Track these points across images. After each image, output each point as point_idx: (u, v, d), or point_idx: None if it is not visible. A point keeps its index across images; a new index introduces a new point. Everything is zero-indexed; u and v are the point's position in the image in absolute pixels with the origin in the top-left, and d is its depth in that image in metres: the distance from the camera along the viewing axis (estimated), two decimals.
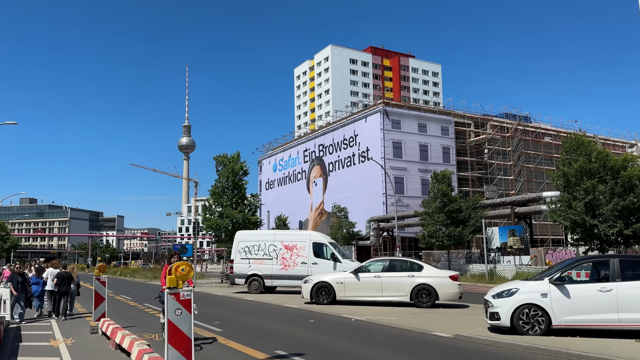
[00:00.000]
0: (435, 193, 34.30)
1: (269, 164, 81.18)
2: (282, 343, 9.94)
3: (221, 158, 32.86)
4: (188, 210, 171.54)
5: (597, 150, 25.11)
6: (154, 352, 7.45)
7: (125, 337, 8.96)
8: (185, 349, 5.90)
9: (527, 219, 38.63)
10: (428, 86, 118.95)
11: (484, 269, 31.80)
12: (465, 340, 10.00)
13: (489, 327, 10.98)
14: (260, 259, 22.98)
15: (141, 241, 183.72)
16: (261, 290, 22.62)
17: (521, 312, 10.19)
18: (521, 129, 64.20)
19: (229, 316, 14.77)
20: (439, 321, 12.57)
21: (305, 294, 17.25)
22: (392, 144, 57.66)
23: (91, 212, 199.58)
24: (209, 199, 33.29)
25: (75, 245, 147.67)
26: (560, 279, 10.24)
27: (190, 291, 6.03)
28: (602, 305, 9.87)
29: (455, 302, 16.53)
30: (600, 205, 23.97)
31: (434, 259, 40.84)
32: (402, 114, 59.49)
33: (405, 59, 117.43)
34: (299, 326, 12.52)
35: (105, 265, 12.96)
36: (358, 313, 14.30)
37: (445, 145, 60.48)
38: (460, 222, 33.61)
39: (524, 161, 63.37)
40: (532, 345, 8.89)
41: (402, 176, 57.55)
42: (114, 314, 14.42)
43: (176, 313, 5.89)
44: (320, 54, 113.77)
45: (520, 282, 11.16)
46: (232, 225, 30.87)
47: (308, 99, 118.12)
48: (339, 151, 64.35)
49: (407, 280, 16.15)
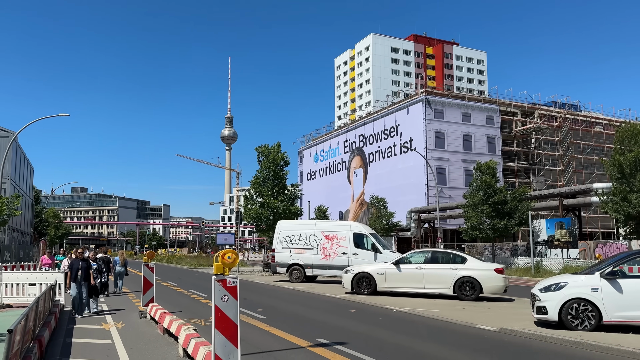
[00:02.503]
0: (479, 184, 33.51)
1: (310, 155, 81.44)
2: (324, 331, 10.02)
3: (262, 149, 33.26)
4: (230, 200, 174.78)
5: None
6: (200, 337, 7.68)
7: (172, 322, 9.24)
8: (232, 335, 6.03)
9: (576, 211, 37.27)
10: (472, 74, 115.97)
11: (529, 262, 30.94)
12: (511, 334, 9.80)
13: (535, 322, 10.71)
14: (301, 249, 23.20)
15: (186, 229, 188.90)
16: (302, 279, 22.86)
17: (570, 306, 9.88)
18: (570, 118, 61.69)
19: (271, 304, 15.01)
20: (483, 314, 12.35)
21: (346, 284, 17.30)
22: (435, 134, 56.64)
23: (138, 201, 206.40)
24: (250, 189, 33.78)
25: (123, 232, 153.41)
26: (613, 273, 9.85)
27: (236, 278, 6.15)
28: None
29: (500, 296, 16.19)
30: None
31: (477, 251, 40.02)
32: (445, 103, 58.28)
33: (449, 47, 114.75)
34: (340, 315, 12.59)
35: (153, 252, 13.38)
36: (399, 304, 14.24)
37: (490, 135, 58.90)
38: (505, 214, 32.73)
39: (573, 151, 60.96)
40: (581, 340, 8.62)
41: (444, 167, 56.53)
42: (161, 299, 14.87)
43: (223, 299, 6.02)
44: (361, 43, 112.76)
45: (569, 276, 10.81)
46: (272, 215, 31.26)
47: (348, 89, 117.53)
48: (379, 141, 63.81)
49: (450, 272, 15.93)
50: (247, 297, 16.18)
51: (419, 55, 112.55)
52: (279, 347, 8.52)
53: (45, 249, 41.07)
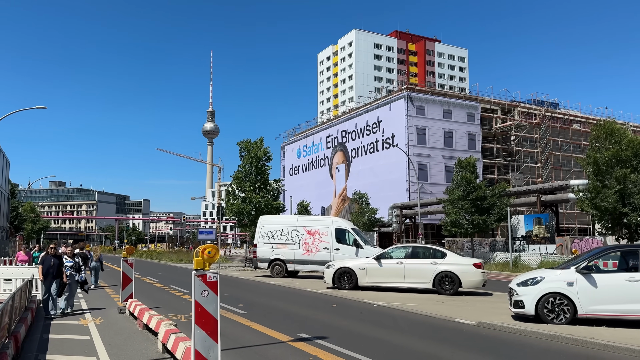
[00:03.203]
0: (459, 180, 33.90)
1: (292, 151, 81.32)
2: (305, 326, 10.06)
3: (245, 143, 33.10)
4: (212, 195, 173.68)
5: (628, 137, 24.45)
6: (180, 332, 7.65)
7: (152, 318, 9.18)
8: (212, 330, 6.02)
9: (554, 207, 37.96)
10: (454, 71, 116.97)
11: (508, 257, 31.46)
12: (488, 327, 9.97)
13: (512, 315, 10.90)
14: (283, 244, 23.21)
15: (166, 225, 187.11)
16: (284, 274, 22.88)
17: (546, 300, 10.08)
18: (549, 115, 62.74)
19: (252, 299, 15.00)
20: (462, 308, 12.53)
21: (328, 279, 17.37)
22: (416, 130, 57.06)
23: (118, 196, 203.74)
24: (232, 184, 33.62)
25: (102, 227, 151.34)
26: (587, 268, 10.08)
27: (216, 273, 6.13)
28: (630, 296, 9.70)
29: (479, 290, 16.43)
30: (631, 194, 23.40)
31: (457, 246, 40.52)
32: (427, 100, 58.72)
33: (431, 44, 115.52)
34: (322, 310, 12.64)
35: (132, 247, 13.25)
36: (380, 299, 14.35)
37: (471, 132, 59.56)
38: (484, 210, 33.21)
39: (551, 148, 62.02)
40: (556, 334, 8.81)
41: (425, 163, 57.01)
42: (141, 295, 14.76)
43: (203, 294, 6.00)
44: (344, 38, 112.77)
45: (546, 271, 11.03)
46: (255, 210, 31.18)
47: (331, 85, 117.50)
48: (362, 137, 64.02)
49: (429, 267, 16.11)
50: (228, 293, 16.14)
51: (401, 51, 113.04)
52: (259, 342, 8.53)
53: (22, 244, 40.27)
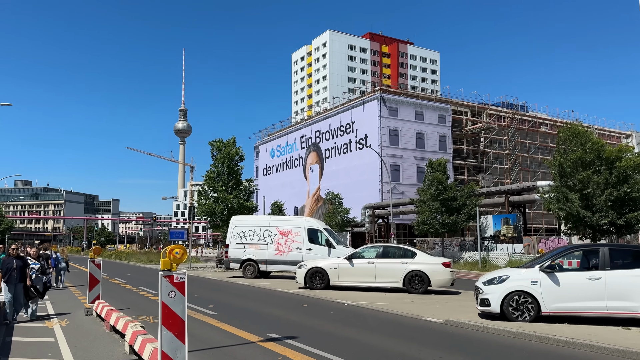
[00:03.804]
0: (430, 181, 34.40)
1: (266, 151, 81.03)
2: (276, 326, 10.07)
3: (217, 143, 32.82)
4: (184, 194, 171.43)
5: (592, 140, 25.18)
6: (147, 333, 7.55)
7: (119, 319, 9.05)
8: (179, 331, 5.99)
9: (521, 207, 38.86)
10: (426, 74, 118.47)
11: (477, 256, 32.07)
12: (455, 325, 10.17)
13: (479, 313, 11.14)
14: (256, 244, 23.12)
15: (137, 225, 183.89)
16: (256, 275, 22.80)
17: (511, 298, 10.34)
18: (518, 118, 64.19)
19: (223, 300, 14.91)
20: (431, 307, 12.74)
21: (300, 279, 17.40)
22: (389, 132, 57.61)
23: (86, 195, 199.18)
24: (204, 184, 33.31)
25: (70, 228, 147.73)
26: (551, 267, 10.38)
27: (184, 274, 6.10)
28: (590, 293, 10.03)
29: (448, 289, 16.73)
30: (594, 196, 24.13)
31: (428, 246, 41.11)
32: (400, 102, 59.34)
33: (404, 46, 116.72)
34: (293, 310, 12.67)
35: (100, 248, 13.02)
36: (351, 298, 14.46)
37: (442, 134, 60.47)
38: (454, 210, 33.77)
39: (519, 150, 63.48)
40: (520, 331, 9.05)
41: (398, 164, 57.60)
42: (109, 296, 14.52)
43: (170, 295, 5.96)
44: (318, 39, 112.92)
45: (511, 270, 11.31)
46: (227, 210, 30.96)
47: (305, 85, 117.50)
48: (335, 138, 64.26)
49: (400, 266, 16.32)
50: (198, 294, 16.00)
51: (374, 53, 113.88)
52: (228, 343, 8.50)
53: None
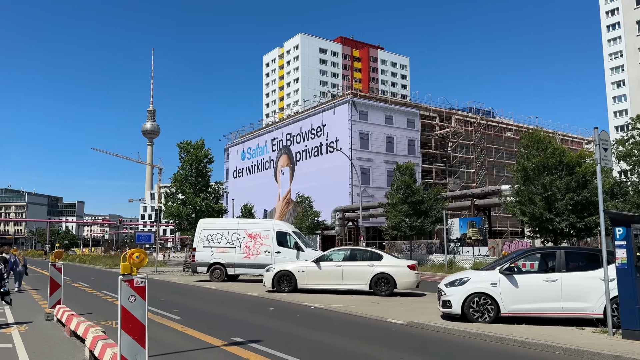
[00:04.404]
0: (399, 185, 34.85)
1: (237, 153, 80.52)
2: (241, 330, 10.06)
3: (185, 145, 32.46)
4: (151, 197, 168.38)
5: (553, 146, 26.03)
6: (108, 338, 7.45)
7: (80, 324, 8.89)
8: (139, 335, 5.95)
9: (487, 211, 39.76)
10: (396, 78, 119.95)
11: (443, 259, 32.64)
12: (417, 327, 10.38)
13: (441, 315, 11.39)
14: (223, 248, 22.97)
15: (102, 228, 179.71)
16: (223, 278, 22.64)
17: (472, 300, 10.62)
18: (484, 123, 65.70)
19: (188, 304, 14.77)
20: (395, 309, 12.94)
21: (267, 282, 17.40)
22: (359, 135, 58.11)
23: (50, 197, 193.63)
24: (171, 187, 32.89)
25: (32, 231, 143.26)
26: (510, 269, 10.71)
27: (144, 278, 6.07)
28: (547, 295, 10.40)
29: (413, 291, 17.00)
30: (556, 200, 24.94)
31: (397, 249, 41.59)
32: (370, 106, 59.95)
33: (375, 51, 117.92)
34: (259, 314, 12.66)
35: (61, 252, 12.74)
36: (318, 301, 14.56)
37: (411, 138, 61.36)
38: (422, 213, 34.28)
39: (485, 155, 64.96)
40: (479, 332, 9.31)
41: (368, 167, 58.14)
42: (71, 301, 14.22)
43: (130, 300, 5.92)
44: (289, 42, 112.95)
45: (472, 272, 11.62)
46: (195, 213, 30.65)
47: (277, 87, 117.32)
48: (306, 141, 64.39)
49: (367, 269, 16.51)
50: (163, 298, 15.82)
51: (346, 57, 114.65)
52: (191, 347, 8.46)
53: None
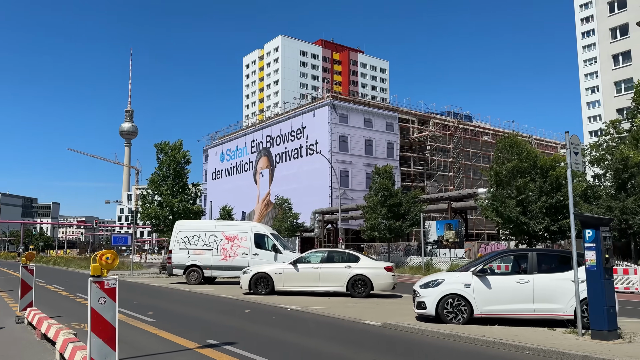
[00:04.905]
0: (377, 187, 35.10)
1: (215, 154, 79.99)
2: (215, 332, 10.00)
3: (162, 146, 32.12)
4: (128, 198, 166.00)
5: (527, 150, 26.57)
6: (79, 341, 7.33)
7: (51, 327, 8.74)
8: (109, 337, 5.88)
9: (463, 213, 40.28)
10: (376, 82, 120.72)
11: (421, 261, 32.95)
12: (392, 328, 10.46)
13: (416, 316, 11.48)
14: (200, 250, 22.77)
15: (77, 229, 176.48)
16: (200, 281, 22.44)
17: (446, 301, 10.74)
18: (462, 127, 66.61)
19: (163, 306, 14.61)
20: (371, 310, 13.02)
21: (244, 284, 17.32)
22: (339, 138, 58.32)
23: (24, 198, 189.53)
24: (148, 188, 32.51)
25: (6, 232, 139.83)
26: (483, 271, 10.86)
27: (115, 280, 5.99)
28: (519, 296, 10.57)
29: (390, 292, 17.10)
30: (530, 203, 25.43)
31: (375, 251, 41.82)
32: (350, 108, 60.24)
33: (355, 54, 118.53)
34: (235, 316, 12.60)
35: (33, 253, 12.48)
36: (295, 303, 14.55)
37: (390, 141, 61.83)
38: (400, 215, 34.60)
39: (463, 158, 65.82)
40: (453, 333, 9.43)
41: (347, 169, 58.37)
42: (43, 304, 13.95)
43: (100, 301, 5.85)
44: (270, 43, 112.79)
45: (447, 273, 11.76)
46: (172, 215, 30.36)
47: (257, 89, 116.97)
48: (286, 143, 64.34)
49: (344, 271, 16.56)
50: (138, 300, 15.62)
51: (326, 60, 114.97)
52: (164, 350, 8.36)
53: None
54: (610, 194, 31.17)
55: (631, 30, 46.45)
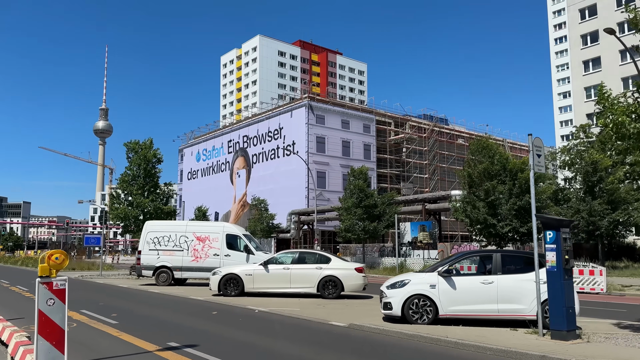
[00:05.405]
0: (352, 189, 35.17)
1: (191, 154, 79.14)
2: (178, 335, 9.82)
3: (132, 144, 31.55)
4: (102, 198, 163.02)
5: (499, 153, 26.98)
6: (32, 344, 7.11)
7: (5, 329, 8.52)
8: (58, 340, 5.71)
9: (437, 215, 40.66)
10: (354, 84, 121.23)
11: (395, 262, 33.12)
12: (358, 329, 10.44)
13: (383, 317, 11.49)
14: (170, 250, 22.42)
15: (49, 229, 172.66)
16: (170, 282, 22.10)
17: (411, 302, 10.78)
18: (437, 130, 67.31)
19: (129, 308, 14.33)
20: (340, 311, 12.99)
21: (213, 286, 17.12)
22: (316, 139, 58.30)
23: None
24: (118, 187, 31.92)
25: None
26: (448, 272, 10.94)
27: (64, 281, 5.82)
28: (484, 296, 10.68)
29: (360, 293, 17.12)
30: (499, 205, 25.81)
31: (350, 252, 41.90)
32: (327, 110, 60.29)
33: (333, 56, 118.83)
34: (201, 318, 12.42)
35: None
36: (263, 304, 14.43)
37: (367, 143, 62.10)
38: (375, 217, 34.72)
39: (438, 161, 66.51)
40: (416, 333, 9.46)
41: (324, 171, 58.37)
42: (5, 305, 13.64)
43: (48, 303, 5.67)
44: (248, 43, 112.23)
45: (413, 274, 11.80)
46: (142, 215, 29.85)
47: (235, 89, 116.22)
48: (263, 143, 64.05)
49: (314, 272, 16.52)
50: (103, 302, 15.30)
51: (304, 61, 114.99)
52: (123, 353, 8.17)
53: None
54: (580, 197, 31.92)
55: (601, 37, 47.64)
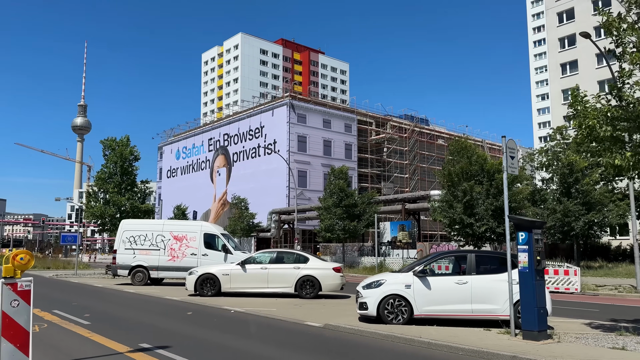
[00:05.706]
0: (332, 188, 35.22)
1: (171, 152, 78.31)
2: (151, 336, 9.70)
3: (109, 142, 31.09)
4: (79, 196, 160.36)
5: (477, 153, 27.29)
6: None
7: None
8: (22, 342, 5.57)
9: (417, 215, 40.96)
10: (336, 83, 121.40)
11: (374, 261, 33.27)
12: (333, 329, 10.44)
13: (359, 317, 11.52)
14: (147, 250, 22.16)
15: (25, 227, 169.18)
16: (146, 282, 21.84)
17: (387, 302, 10.83)
18: (418, 130, 67.83)
19: (102, 309, 14.10)
20: (317, 311, 12.98)
21: (190, 285, 16.96)
22: (297, 138, 58.22)
23: None
24: (94, 185, 31.43)
25: None
26: (423, 272, 11.01)
27: (30, 282, 5.68)
28: (458, 297, 10.78)
29: (338, 293, 17.16)
30: (477, 205, 26.11)
31: (330, 251, 41.95)
32: (308, 109, 60.25)
33: (315, 55, 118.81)
34: (175, 318, 12.29)
35: None
36: (240, 304, 14.34)
37: (348, 142, 62.25)
38: (355, 216, 34.83)
39: (418, 161, 67.03)
40: (390, 333, 9.50)
41: (305, 170, 58.34)
42: None
43: (12, 305, 5.53)
44: (230, 41, 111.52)
45: (389, 274, 11.86)
46: (119, 213, 29.44)
47: (216, 87, 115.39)
48: (244, 142, 63.72)
49: (292, 271, 16.49)
50: (76, 302, 15.04)
51: (286, 59, 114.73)
52: (93, 354, 8.03)
53: None
54: (556, 198, 32.49)
55: (578, 40, 48.52)
